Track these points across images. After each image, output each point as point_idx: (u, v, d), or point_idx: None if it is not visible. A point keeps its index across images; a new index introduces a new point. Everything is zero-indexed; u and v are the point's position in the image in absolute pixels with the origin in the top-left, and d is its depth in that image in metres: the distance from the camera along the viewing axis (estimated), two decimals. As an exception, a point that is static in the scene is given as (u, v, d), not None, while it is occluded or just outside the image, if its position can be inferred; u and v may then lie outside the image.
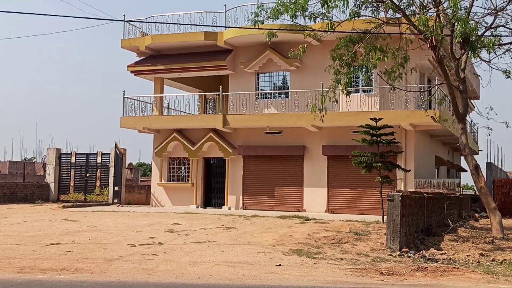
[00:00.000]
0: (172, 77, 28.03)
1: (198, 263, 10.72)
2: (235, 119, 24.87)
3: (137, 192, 30.62)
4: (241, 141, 25.87)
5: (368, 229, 15.95)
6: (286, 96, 25.51)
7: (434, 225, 16.54)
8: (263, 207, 24.90)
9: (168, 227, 16.46)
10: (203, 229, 15.98)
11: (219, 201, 26.47)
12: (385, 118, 19.81)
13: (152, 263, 10.57)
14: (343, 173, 23.94)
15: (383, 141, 18.70)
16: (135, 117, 26.96)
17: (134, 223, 17.38)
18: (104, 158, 28.89)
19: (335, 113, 22.62)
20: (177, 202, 26.75)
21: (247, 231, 15.88)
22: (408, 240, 13.74)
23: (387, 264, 11.41)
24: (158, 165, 27.43)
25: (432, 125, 21.81)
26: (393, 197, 13.15)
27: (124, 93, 26.91)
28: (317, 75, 23.78)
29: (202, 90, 29.38)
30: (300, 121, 23.73)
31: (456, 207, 20.88)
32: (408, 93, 21.75)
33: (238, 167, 25.90)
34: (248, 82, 26.06)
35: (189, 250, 12.26)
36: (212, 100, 27.55)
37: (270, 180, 25.29)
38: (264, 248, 12.84)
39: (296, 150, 24.69)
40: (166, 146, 26.88)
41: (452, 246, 13.80)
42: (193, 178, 26.60)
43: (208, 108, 27.82)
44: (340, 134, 23.85)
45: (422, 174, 23.96)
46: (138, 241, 13.39)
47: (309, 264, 11.06)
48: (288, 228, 16.55)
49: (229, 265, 10.62)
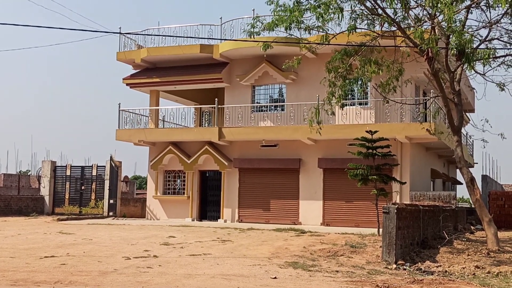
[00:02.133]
0: (168, 90, 28.08)
1: (193, 276, 10.69)
2: (230, 132, 24.90)
3: (133, 205, 30.54)
4: (236, 154, 25.88)
5: (364, 242, 15.93)
6: (282, 109, 25.58)
7: (429, 238, 16.54)
8: (259, 220, 24.86)
9: (163, 240, 16.42)
10: (199, 242, 15.95)
11: (215, 214, 26.43)
12: (380, 130, 19.87)
13: (147, 276, 10.53)
14: (338, 186, 23.94)
15: (378, 154, 18.75)
16: (130, 130, 26.96)
17: (129, 236, 17.34)
18: (99, 171, 28.85)
19: (331, 126, 22.68)
20: (173, 215, 26.68)
21: (243, 244, 15.84)
22: (404, 252, 13.74)
23: (383, 277, 11.40)
24: (153, 178, 27.39)
25: (428, 138, 21.88)
26: (389, 210, 13.17)
27: (119, 106, 26.95)
28: (313, 88, 23.87)
29: (197, 103, 29.43)
30: (296, 134, 23.77)
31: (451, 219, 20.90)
32: (403, 106, 21.86)
33: (233, 180, 25.89)
34: (244, 95, 26.12)
35: (184, 263, 12.22)
36: (208, 113, 27.61)
37: (266, 193, 25.28)
38: (259, 261, 12.81)
39: (292, 163, 24.71)
40: (161, 159, 26.86)
41: (447, 259, 13.80)
42: (189, 191, 26.56)
43: (204, 121, 27.87)
44: (336, 147, 23.90)
45: (418, 187, 24.00)
46: (133, 254, 13.35)
47: (305, 277, 11.04)
48: (284, 240, 16.52)
49: (224, 277, 10.60)
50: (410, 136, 22.44)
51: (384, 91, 16.86)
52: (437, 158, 29.59)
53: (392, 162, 20.81)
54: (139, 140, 26.66)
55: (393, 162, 21.51)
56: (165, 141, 26.72)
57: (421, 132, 20.58)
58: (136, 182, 48.64)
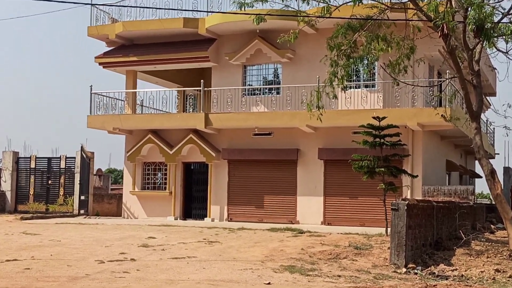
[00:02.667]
0: (147, 70, 27.99)
1: (176, 282, 10.71)
2: (219, 119, 24.89)
3: (107, 201, 30.50)
4: (225, 143, 25.88)
5: (370, 243, 16.02)
6: (277, 92, 25.56)
7: (444, 238, 16.64)
8: (251, 219, 24.91)
9: (142, 241, 16.44)
10: (182, 244, 15.97)
11: (201, 212, 26.46)
12: (389, 117, 19.90)
13: (123, 282, 10.55)
14: (341, 179, 24.00)
15: (387, 143, 18.80)
16: (104, 116, 26.87)
17: (103, 237, 17.34)
18: (68, 163, 28.77)
19: (332, 112, 22.69)
20: (153, 213, 26.69)
21: (233, 245, 15.88)
22: (415, 254, 13.81)
23: (391, 282, 11.47)
24: (130, 171, 27.36)
25: (443, 125, 21.94)
26: (398, 206, 13.23)
27: (91, 88, 26.84)
28: (312, 68, 23.85)
29: (181, 85, 29.35)
30: (293, 121, 23.78)
31: (469, 217, 21.03)
32: (415, 89, 21.89)
33: (222, 173, 25.91)
34: (234, 76, 26.08)
35: (165, 267, 12.25)
36: (193, 96, 27.56)
37: (259, 188, 25.32)
38: (251, 265, 12.85)
39: (288, 154, 24.74)
40: (139, 149, 26.82)
41: (464, 261, 13.90)
42: (171, 186, 26.57)
43: (188, 105, 27.83)
44: (338, 136, 23.93)
45: (431, 181, 24.11)
46: (107, 257, 13.35)
47: (303, 282, 11.09)
48: (279, 242, 16.58)
49: (211, 283, 10.63)
50: (422, 123, 22.49)
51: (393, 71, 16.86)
52: (453, 148, 29.70)
53: (402, 153, 20.87)
54: (114, 127, 26.59)
55: (404, 152, 21.58)
56: (144, 128, 26.66)
57: (435, 119, 20.62)
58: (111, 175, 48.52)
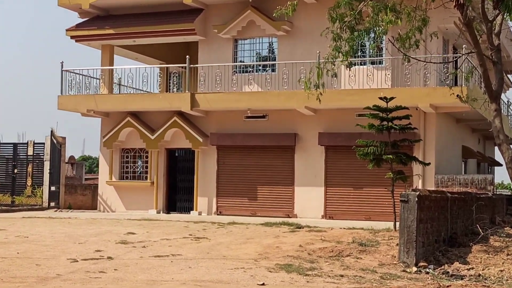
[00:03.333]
0: (125, 45, 27.90)
1: (159, 283, 10.74)
2: (206, 99, 24.85)
3: (81, 193, 30.49)
4: (214, 127, 25.87)
5: (376, 239, 16.08)
6: (273, 70, 25.54)
7: (459, 233, 16.71)
8: (243, 212, 24.97)
9: (120, 237, 16.44)
10: (166, 240, 16.00)
11: (186, 205, 26.51)
12: (398, 97, 19.89)
13: (99, 283, 10.56)
14: (344, 168, 24.07)
15: (395, 127, 18.81)
16: (77, 96, 26.82)
17: (76, 233, 17.35)
18: (37, 150, 28.73)
19: (335, 91, 22.69)
20: (132, 205, 26.71)
21: (222, 242, 15.91)
22: (427, 252, 13.88)
23: (400, 282, 11.53)
24: (107, 159, 27.34)
25: (458, 106, 21.96)
26: (408, 198, 13.26)
27: (62, 65, 26.77)
28: (312, 42, 23.81)
29: (164, 62, 29.26)
30: (290, 102, 23.77)
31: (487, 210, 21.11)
32: (428, 66, 21.87)
33: (210, 161, 25.92)
34: (223, 51, 26.02)
35: (147, 267, 12.26)
36: (177, 74, 27.47)
37: (252, 178, 25.36)
38: (243, 263, 12.88)
39: (285, 139, 24.75)
40: (117, 133, 26.79)
41: (482, 259, 13.97)
42: (153, 175, 26.57)
43: (172, 85, 27.76)
44: (341, 119, 23.95)
45: (445, 169, 24.19)
46: (81, 255, 13.37)
47: (301, 283, 11.14)
48: (275, 238, 16.63)
49: (198, 284, 10.66)
50: (436, 104, 22.52)
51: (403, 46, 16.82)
52: (470, 133, 29.77)
53: (412, 138, 20.90)
54: (88, 109, 26.53)
55: (414, 137, 21.61)
56: (122, 110, 26.62)
57: (450, 99, 20.62)
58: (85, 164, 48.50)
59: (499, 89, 16.53)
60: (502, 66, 16.68)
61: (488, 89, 16.55)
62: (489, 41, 16.29)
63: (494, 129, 16.33)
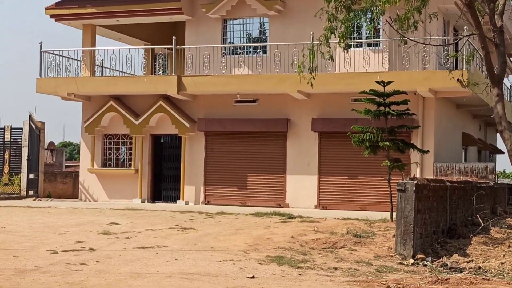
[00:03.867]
0: (108, 24, 27.77)
1: (143, 275, 10.75)
2: (194, 83, 24.80)
3: (61, 181, 30.44)
4: (202, 112, 25.84)
5: (372, 230, 16.14)
6: (264, 52, 25.49)
7: (459, 224, 16.80)
8: (232, 202, 25.00)
9: (102, 227, 16.45)
10: (151, 231, 16.01)
11: (173, 194, 26.52)
12: (396, 81, 19.91)
13: (80, 276, 10.57)
14: (339, 155, 24.11)
15: (393, 112, 18.84)
16: (57, 79, 26.72)
17: (56, 223, 17.33)
18: (14, 135, 28.61)
19: (329, 75, 22.69)
20: (116, 194, 26.70)
21: (210, 232, 15.94)
22: (425, 243, 13.95)
23: (396, 275, 11.59)
24: (88, 145, 27.29)
25: (459, 91, 22.00)
26: (405, 187, 13.31)
27: (41, 46, 26.63)
28: (305, 23, 23.77)
29: (149, 43, 29.18)
30: (282, 86, 23.75)
31: (488, 200, 21.22)
32: (427, 48, 21.89)
33: (198, 148, 25.91)
34: (212, 32, 25.94)
35: (130, 258, 12.28)
36: (163, 56, 27.38)
37: (242, 166, 25.37)
38: (232, 255, 12.92)
39: (276, 125, 24.76)
40: (99, 118, 26.73)
41: (482, 251, 14.06)
42: (137, 163, 26.55)
43: (158, 67, 27.65)
44: (335, 103, 23.96)
45: (445, 157, 24.27)
46: (61, 247, 13.36)
47: (293, 276, 11.18)
48: (266, 228, 16.66)
49: (184, 277, 10.69)
50: (435, 88, 22.55)
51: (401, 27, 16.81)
52: (470, 119, 29.86)
53: (410, 124, 20.96)
54: (68, 92, 26.44)
55: (412, 123, 21.67)
56: (105, 94, 26.54)
57: (450, 83, 20.68)
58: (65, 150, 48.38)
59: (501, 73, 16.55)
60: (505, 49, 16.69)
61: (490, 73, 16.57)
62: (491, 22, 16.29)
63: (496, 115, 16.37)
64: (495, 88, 16.44)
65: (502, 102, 16.47)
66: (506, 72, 18.12)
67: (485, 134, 33.57)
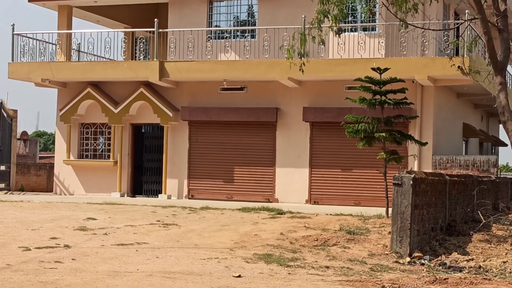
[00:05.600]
0: (85, 5, 27.67)
1: (122, 274, 10.74)
2: (177, 69, 24.75)
3: (35, 173, 30.36)
4: (186, 100, 25.81)
5: (366, 226, 16.19)
6: (252, 36, 25.45)
7: (458, 221, 16.88)
8: (218, 196, 25.02)
9: (79, 223, 16.42)
10: (130, 227, 16.01)
11: (154, 187, 26.50)
12: (393, 68, 19.94)
13: (54, 274, 10.54)
14: (332, 147, 24.15)
15: (389, 102, 18.87)
16: (30, 64, 26.62)
17: (29, 218, 17.29)
18: (-16, 124, 28.49)
19: (321, 61, 22.69)
20: (93, 188, 26.66)
21: (194, 229, 15.95)
22: (422, 241, 14.00)
23: (392, 275, 11.62)
24: (64, 135, 27.21)
25: (460, 79, 22.09)
26: (402, 181, 13.35)
27: (13, 28, 26.52)
28: (296, 6, 23.78)
29: (129, 26, 29.10)
30: (271, 72, 23.74)
31: (490, 195, 21.33)
32: (426, 33, 21.92)
33: (181, 139, 25.89)
34: (197, 14, 25.88)
35: (109, 256, 12.26)
36: (144, 40, 27.30)
37: (228, 158, 25.37)
38: (217, 253, 12.93)
39: (265, 114, 24.75)
40: (76, 106, 26.65)
41: (483, 250, 14.12)
42: (116, 154, 26.49)
43: (138, 51, 27.57)
44: (328, 92, 23.98)
45: (444, 149, 24.35)
46: (34, 243, 13.32)
47: (281, 275, 11.19)
48: (253, 224, 16.69)
49: (166, 276, 10.68)
50: (434, 76, 22.59)
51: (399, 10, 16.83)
52: (472, 109, 29.96)
53: (408, 114, 21.00)
54: (43, 78, 26.33)
55: (410, 113, 21.72)
56: (81, 80, 26.46)
57: (451, 71, 20.75)
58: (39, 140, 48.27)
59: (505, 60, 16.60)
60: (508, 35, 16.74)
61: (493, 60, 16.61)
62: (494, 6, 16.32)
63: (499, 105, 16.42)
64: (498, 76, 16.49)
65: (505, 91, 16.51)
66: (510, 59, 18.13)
67: (487, 125, 33.69)
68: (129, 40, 28.28)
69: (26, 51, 26.78)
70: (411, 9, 16.87)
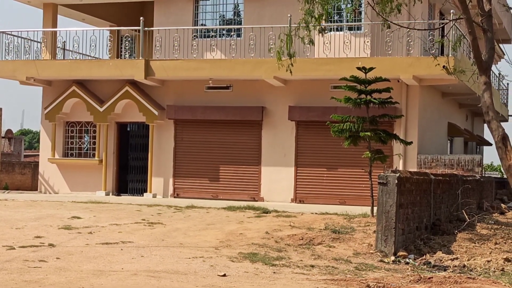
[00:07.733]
0: (70, 3, 27.57)
1: (107, 273, 10.72)
2: (163, 67, 24.71)
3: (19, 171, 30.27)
4: (171, 99, 25.76)
5: (352, 225, 16.22)
6: (238, 35, 25.44)
7: (443, 220, 16.95)
8: (203, 195, 25.00)
9: (63, 222, 16.38)
10: (115, 225, 15.98)
11: (139, 186, 26.45)
12: (378, 67, 19.98)
13: (38, 273, 10.51)
14: (317, 146, 24.17)
15: (374, 101, 18.91)
16: (15, 62, 26.51)
17: (13, 216, 17.22)
18: (-32, 122, 28.37)
19: (307, 60, 22.69)
20: (78, 186, 26.58)
21: (179, 228, 15.94)
22: (407, 240, 14.05)
23: (376, 274, 11.65)
24: (49, 133, 27.11)
25: (445, 79, 22.14)
26: (387, 180, 13.38)
27: (-2, 26, 26.40)
28: (282, 4, 23.79)
29: (114, 24, 29.03)
30: (257, 71, 23.74)
31: (474, 194, 21.42)
32: (411, 33, 21.98)
33: (167, 137, 25.84)
34: (183, 13, 25.85)
35: (93, 255, 12.24)
36: (130, 38, 27.24)
37: (214, 157, 25.35)
38: (203, 252, 12.93)
39: (251, 113, 24.75)
40: (61, 104, 26.57)
41: (467, 249, 14.19)
42: (102, 153, 26.42)
43: (124, 50, 27.51)
44: (314, 91, 24.00)
45: (429, 149, 24.42)
46: (18, 242, 13.28)
47: (267, 274, 11.20)
48: (238, 223, 16.69)
49: (151, 275, 10.67)
50: (419, 75, 22.64)
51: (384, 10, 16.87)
52: (457, 108, 30.05)
53: (393, 113, 21.04)
54: (27, 76, 26.23)
55: (395, 112, 21.76)
56: (67, 78, 26.37)
57: (436, 71, 20.79)
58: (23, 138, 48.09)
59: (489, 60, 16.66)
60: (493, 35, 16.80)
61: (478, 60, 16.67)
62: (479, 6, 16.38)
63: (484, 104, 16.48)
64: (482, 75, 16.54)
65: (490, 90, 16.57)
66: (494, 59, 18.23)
67: (472, 124, 33.82)
68: (114, 39, 28.22)
69: (11, 49, 26.68)
70: (394, 9, 16.92)
